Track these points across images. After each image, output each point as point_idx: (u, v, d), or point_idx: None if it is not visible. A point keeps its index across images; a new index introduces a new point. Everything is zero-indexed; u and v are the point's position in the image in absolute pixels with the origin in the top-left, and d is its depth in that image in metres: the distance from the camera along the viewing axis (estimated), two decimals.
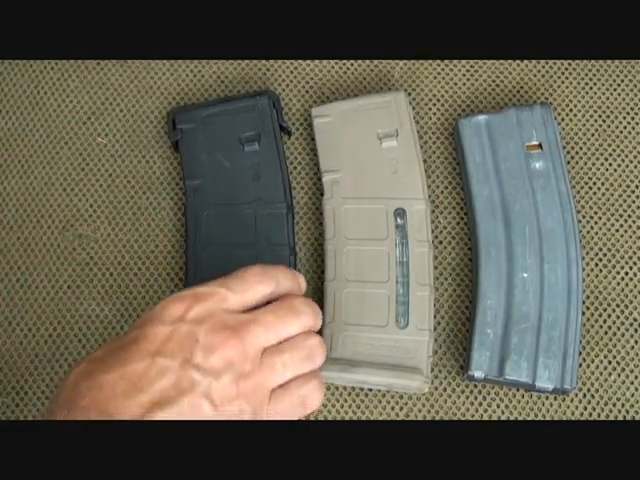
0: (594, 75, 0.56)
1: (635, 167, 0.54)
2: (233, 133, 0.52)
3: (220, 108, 0.53)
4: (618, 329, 0.50)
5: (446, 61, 0.56)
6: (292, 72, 0.56)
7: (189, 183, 0.51)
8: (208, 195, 0.51)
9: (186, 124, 0.52)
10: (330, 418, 0.49)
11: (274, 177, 0.51)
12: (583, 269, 0.51)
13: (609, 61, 0.56)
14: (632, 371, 0.49)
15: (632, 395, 0.49)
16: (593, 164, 0.54)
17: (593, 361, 0.50)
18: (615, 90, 0.56)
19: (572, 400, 0.49)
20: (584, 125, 0.55)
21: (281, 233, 0.50)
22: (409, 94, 0.55)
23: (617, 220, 0.52)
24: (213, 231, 0.50)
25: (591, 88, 0.56)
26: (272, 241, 0.50)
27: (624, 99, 0.55)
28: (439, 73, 0.56)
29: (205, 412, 0.35)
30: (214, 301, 0.38)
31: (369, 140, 0.52)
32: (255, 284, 0.39)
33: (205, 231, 0.50)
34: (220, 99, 0.54)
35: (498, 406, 0.49)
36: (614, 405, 0.49)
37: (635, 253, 0.52)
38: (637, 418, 0.49)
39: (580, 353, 0.49)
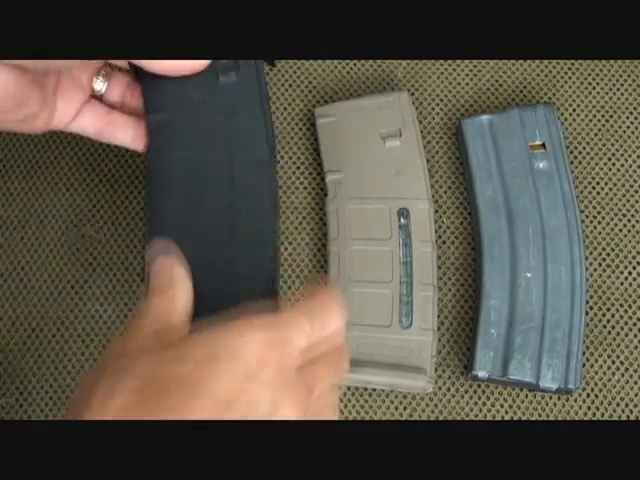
0: (597, 75, 0.56)
1: (638, 167, 0.54)
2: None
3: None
4: (622, 329, 0.50)
5: (449, 61, 0.56)
6: (295, 72, 0.56)
7: (153, 117, 0.43)
8: (175, 132, 0.43)
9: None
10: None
11: (252, 114, 0.43)
12: (587, 269, 0.51)
13: (612, 61, 0.56)
14: (636, 371, 0.49)
15: (636, 395, 0.49)
16: (596, 164, 0.54)
17: (597, 361, 0.50)
18: (618, 90, 0.56)
19: (576, 400, 0.49)
20: (587, 125, 0.55)
21: (260, 181, 0.42)
22: (412, 94, 0.55)
23: (621, 220, 0.52)
24: (180, 176, 0.42)
25: (594, 88, 0.56)
26: (249, 190, 0.42)
27: (627, 99, 0.55)
28: (442, 73, 0.56)
29: None
30: (292, 346, 0.33)
31: (372, 140, 0.52)
32: (333, 323, 0.35)
33: (169, 175, 0.42)
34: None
35: (502, 406, 0.49)
36: (618, 405, 0.49)
37: (639, 253, 0.52)
38: None
39: (584, 353, 0.49)
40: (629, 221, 0.53)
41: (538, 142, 0.51)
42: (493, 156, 0.51)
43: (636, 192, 0.53)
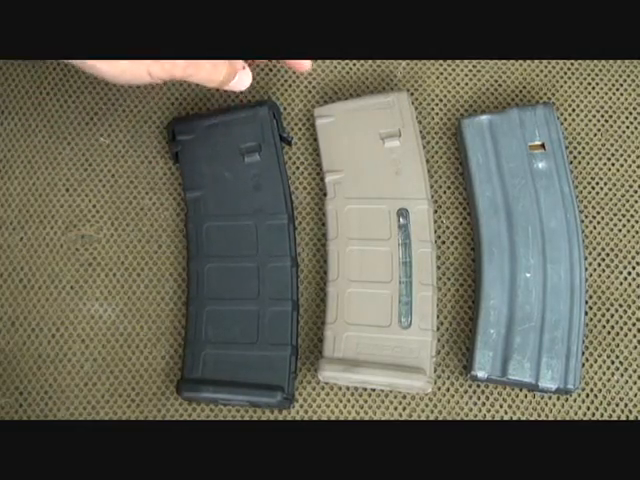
0: (597, 75, 0.56)
1: (638, 167, 0.54)
2: (233, 144, 0.51)
3: (220, 119, 0.52)
4: (621, 329, 0.50)
5: (449, 61, 0.56)
6: (294, 72, 0.56)
7: (189, 195, 0.51)
8: (209, 207, 0.51)
9: (186, 135, 0.52)
10: (333, 418, 0.49)
11: (275, 188, 0.51)
12: (586, 269, 0.51)
13: (612, 61, 0.56)
14: (635, 371, 0.49)
15: (635, 395, 0.49)
16: (596, 164, 0.54)
17: (596, 361, 0.50)
18: (618, 90, 0.56)
19: (575, 400, 0.49)
20: (587, 125, 0.55)
21: (282, 244, 0.50)
22: (412, 94, 0.55)
23: (620, 220, 0.52)
24: (214, 243, 0.50)
25: (593, 88, 0.56)
26: (273, 252, 0.50)
27: (627, 99, 0.55)
28: (442, 73, 0.56)
29: None
30: None
31: (372, 140, 0.52)
32: None
33: (206, 243, 0.50)
34: (220, 109, 0.54)
35: (501, 406, 0.49)
36: (617, 405, 0.49)
37: (638, 253, 0.52)
38: None
39: (583, 353, 0.49)
40: (628, 221, 0.53)
41: (538, 142, 0.51)
42: (493, 156, 0.51)
43: (635, 192, 0.53)
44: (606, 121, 0.55)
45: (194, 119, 0.53)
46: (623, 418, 0.49)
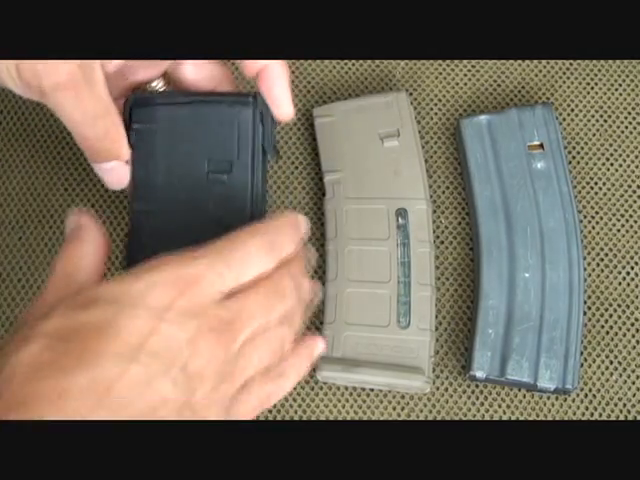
0: (595, 75, 0.56)
1: (637, 167, 0.54)
2: (200, 148, 0.40)
3: (188, 109, 0.40)
4: (620, 329, 0.50)
5: (447, 61, 0.56)
6: (293, 72, 0.56)
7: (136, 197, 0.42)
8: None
9: (143, 124, 0.41)
10: (331, 418, 0.49)
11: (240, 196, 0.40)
12: (585, 269, 0.51)
13: (611, 61, 0.56)
14: (634, 371, 0.49)
15: (634, 395, 0.49)
16: (595, 164, 0.54)
17: (595, 361, 0.50)
18: (617, 90, 0.56)
19: (574, 400, 0.49)
20: (586, 125, 0.55)
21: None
22: (410, 94, 0.55)
23: (619, 220, 0.52)
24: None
25: (592, 88, 0.56)
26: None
27: (625, 99, 0.55)
28: (440, 73, 0.56)
29: (182, 418, 0.32)
30: (207, 285, 0.32)
31: (371, 140, 0.52)
32: (258, 259, 0.34)
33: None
34: (189, 93, 0.42)
35: (499, 406, 0.49)
36: (615, 405, 0.49)
37: (637, 253, 0.52)
38: (638, 418, 0.49)
39: (582, 353, 0.49)
40: (627, 221, 0.53)
41: (536, 142, 0.51)
42: (491, 156, 0.51)
43: (634, 192, 0.53)
44: (605, 121, 0.55)
45: (155, 101, 0.41)
46: (622, 418, 0.49)
